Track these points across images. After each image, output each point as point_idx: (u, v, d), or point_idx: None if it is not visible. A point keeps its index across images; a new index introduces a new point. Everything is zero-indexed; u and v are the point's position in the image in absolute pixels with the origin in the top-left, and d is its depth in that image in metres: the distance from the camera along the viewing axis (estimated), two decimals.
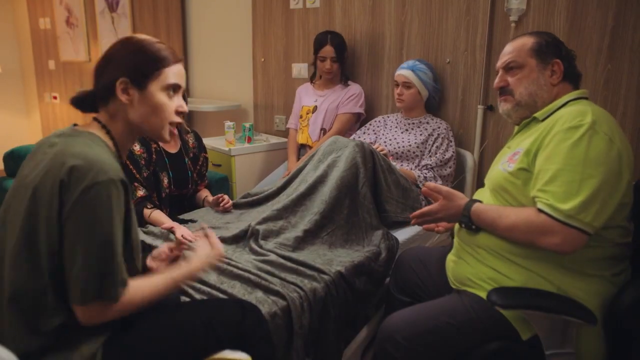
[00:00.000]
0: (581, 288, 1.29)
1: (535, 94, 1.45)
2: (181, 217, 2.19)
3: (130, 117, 1.19)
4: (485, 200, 1.48)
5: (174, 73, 1.21)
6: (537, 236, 1.26)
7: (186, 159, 2.32)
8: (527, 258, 1.32)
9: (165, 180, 2.20)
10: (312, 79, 3.05)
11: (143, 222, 2.06)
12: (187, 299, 1.51)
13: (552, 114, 1.41)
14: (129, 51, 1.17)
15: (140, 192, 2.09)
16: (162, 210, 2.16)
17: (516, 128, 1.54)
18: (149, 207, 2.08)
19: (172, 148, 2.29)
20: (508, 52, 1.50)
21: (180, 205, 2.33)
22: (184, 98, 2.26)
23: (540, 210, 1.26)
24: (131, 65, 1.16)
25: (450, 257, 1.53)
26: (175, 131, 2.01)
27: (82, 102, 1.21)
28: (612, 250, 1.31)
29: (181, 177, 2.28)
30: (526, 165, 1.34)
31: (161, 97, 1.19)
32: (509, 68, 1.49)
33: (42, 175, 1.07)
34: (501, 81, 1.51)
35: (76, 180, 1.03)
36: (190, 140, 2.39)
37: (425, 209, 1.51)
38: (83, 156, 1.06)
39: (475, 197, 1.55)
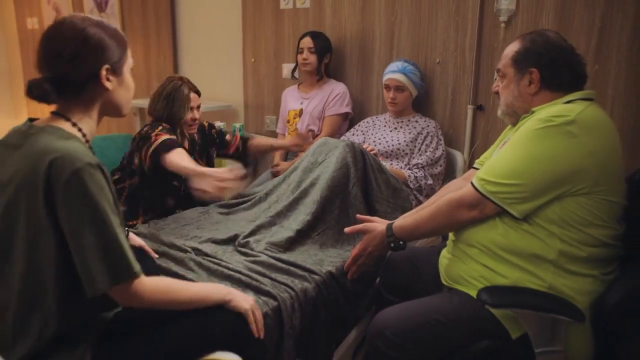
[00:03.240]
0: (572, 287, 1.30)
1: (512, 104, 1.48)
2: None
3: (109, 102, 1.19)
4: None
5: (129, 52, 1.23)
6: (465, 210, 1.38)
7: (193, 157, 2.32)
8: (521, 256, 1.33)
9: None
10: (293, 72, 3.07)
11: (160, 169, 2.02)
12: None
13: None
14: (102, 37, 1.14)
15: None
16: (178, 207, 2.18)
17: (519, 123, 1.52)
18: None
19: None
20: (501, 57, 1.51)
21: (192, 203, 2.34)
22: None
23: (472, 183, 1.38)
24: (110, 51, 1.15)
25: (444, 254, 1.54)
26: None
27: (44, 95, 1.13)
28: (602, 251, 1.32)
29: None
30: None
31: (130, 77, 1.22)
32: (499, 75, 1.52)
33: (20, 177, 1.06)
34: (495, 86, 1.55)
35: (57, 174, 1.03)
36: (196, 135, 2.40)
37: (353, 253, 1.66)
38: (57, 149, 1.05)
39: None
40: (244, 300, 1.30)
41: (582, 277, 1.31)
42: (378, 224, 1.61)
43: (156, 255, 1.72)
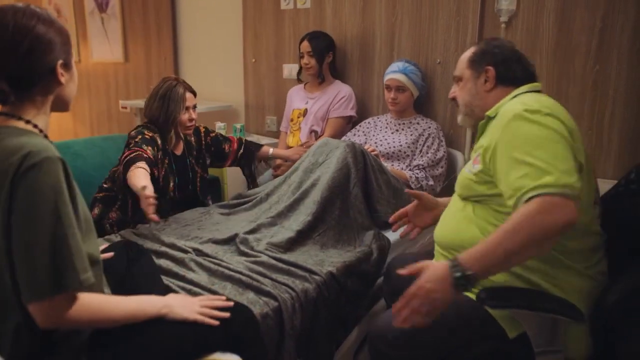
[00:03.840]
0: (561, 286, 1.30)
1: (470, 103, 1.52)
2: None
3: (60, 96, 1.17)
4: (456, 205, 1.50)
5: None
6: (543, 218, 1.13)
7: (188, 160, 2.31)
8: None
9: (172, 184, 2.19)
10: (298, 75, 3.06)
11: (124, 181, 1.89)
12: None
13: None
14: (52, 31, 1.11)
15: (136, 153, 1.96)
16: (165, 211, 2.15)
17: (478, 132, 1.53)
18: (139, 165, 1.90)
19: (178, 150, 2.29)
20: (457, 64, 1.58)
21: (185, 207, 2.31)
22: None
23: (529, 199, 1.17)
24: (61, 45, 1.13)
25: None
26: None
27: (4, 97, 1.09)
28: (588, 241, 1.33)
29: (183, 180, 2.28)
30: (485, 163, 1.36)
31: (76, 70, 1.21)
32: (456, 81, 1.58)
33: None
34: (452, 93, 1.60)
35: (20, 170, 1.00)
36: (193, 138, 2.39)
37: (407, 293, 1.21)
38: (22, 146, 1.02)
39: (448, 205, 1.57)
40: (182, 308, 1.24)
41: (566, 269, 1.30)
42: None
43: (110, 255, 1.54)
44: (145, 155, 1.94)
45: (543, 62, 2.34)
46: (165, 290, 1.48)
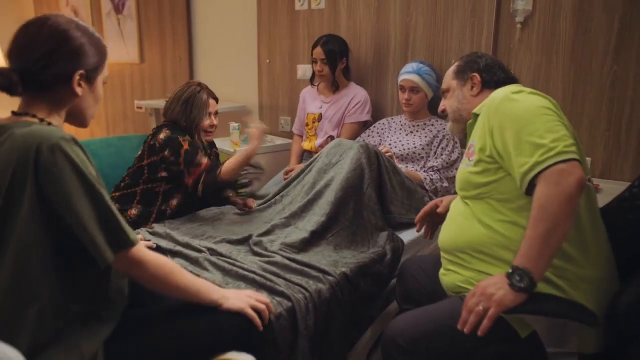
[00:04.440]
0: (566, 277, 1.28)
1: (458, 109, 1.61)
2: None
3: (76, 108, 1.19)
4: (458, 208, 1.49)
5: (107, 65, 1.23)
6: (556, 188, 1.17)
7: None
8: (509, 250, 1.30)
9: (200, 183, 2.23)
10: (311, 80, 3.03)
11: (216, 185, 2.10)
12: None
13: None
14: (84, 42, 1.14)
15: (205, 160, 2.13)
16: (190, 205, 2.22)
17: (468, 132, 1.59)
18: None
19: None
20: (444, 80, 1.69)
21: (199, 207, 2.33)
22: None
23: (534, 178, 1.23)
24: (88, 58, 1.15)
25: (441, 272, 1.55)
26: None
27: (11, 85, 1.10)
28: (586, 225, 1.32)
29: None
30: (485, 147, 1.37)
31: (101, 89, 1.23)
32: (443, 94, 1.68)
33: (10, 173, 1.04)
34: (441, 107, 1.70)
35: (41, 155, 1.02)
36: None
37: (467, 296, 1.26)
38: (38, 134, 1.04)
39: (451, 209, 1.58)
40: (236, 300, 1.28)
41: (572, 262, 1.28)
42: None
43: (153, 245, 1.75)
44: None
45: (560, 62, 2.32)
46: None
